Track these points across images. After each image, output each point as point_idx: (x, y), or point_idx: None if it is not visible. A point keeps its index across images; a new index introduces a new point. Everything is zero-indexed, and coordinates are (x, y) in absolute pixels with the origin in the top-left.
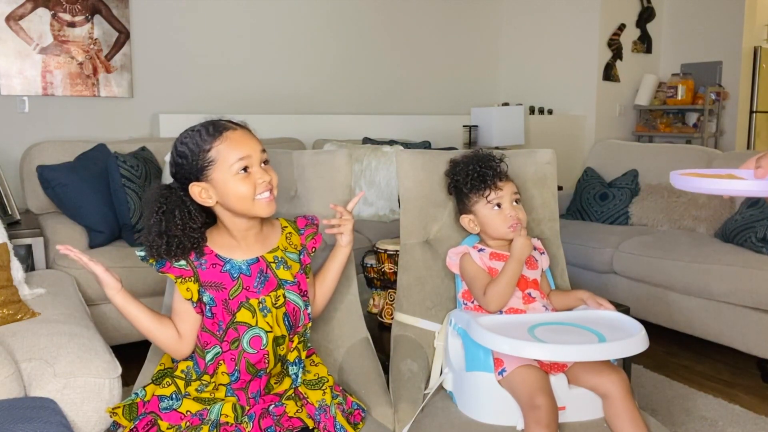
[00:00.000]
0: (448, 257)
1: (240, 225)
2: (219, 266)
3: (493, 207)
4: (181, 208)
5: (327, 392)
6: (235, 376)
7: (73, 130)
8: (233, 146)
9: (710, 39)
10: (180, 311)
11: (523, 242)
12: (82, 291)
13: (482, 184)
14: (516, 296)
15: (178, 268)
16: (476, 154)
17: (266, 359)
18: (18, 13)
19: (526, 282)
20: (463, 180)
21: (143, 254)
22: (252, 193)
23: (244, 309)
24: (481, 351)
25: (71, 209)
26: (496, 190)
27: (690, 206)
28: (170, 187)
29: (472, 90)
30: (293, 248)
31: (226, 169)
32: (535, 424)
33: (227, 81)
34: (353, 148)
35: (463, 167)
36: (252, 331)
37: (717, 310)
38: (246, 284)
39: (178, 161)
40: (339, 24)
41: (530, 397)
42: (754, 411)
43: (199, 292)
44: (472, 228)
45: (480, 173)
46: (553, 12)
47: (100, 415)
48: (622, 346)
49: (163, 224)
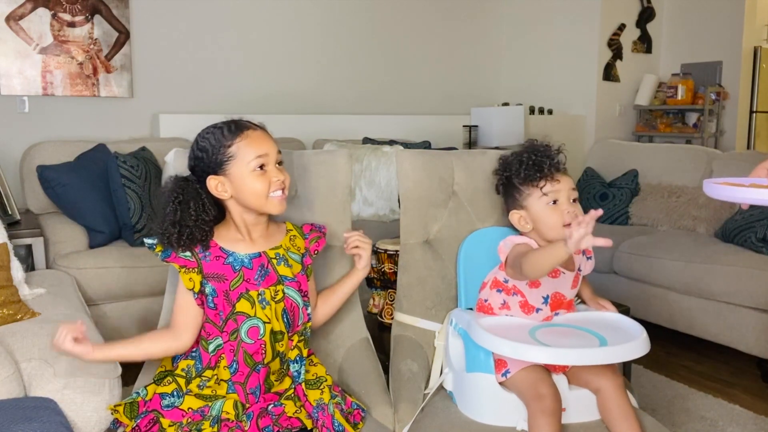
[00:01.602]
0: (503, 243)
1: (248, 220)
2: (222, 258)
3: (549, 202)
4: (196, 200)
5: (325, 391)
6: (234, 368)
7: (73, 130)
8: (253, 144)
9: (710, 39)
10: (182, 303)
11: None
12: (82, 291)
13: (537, 174)
14: (542, 314)
15: (183, 258)
16: (531, 144)
17: (263, 350)
18: (18, 13)
19: (561, 303)
20: (516, 170)
21: (151, 242)
22: (266, 191)
23: (244, 299)
24: (481, 352)
25: (71, 209)
26: (552, 182)
27: (690, 206)
28: (187, 180)
29: (472, 90)
30: (296, 249)
31: (244, 165)
32: (541, 413)
33: (227, 81)
34: (353, 148)
35: (516, 157)
36: (250, 321)
37: (717, 310)
38: (247, 276)
39: (198, 155)
40: (339, 24)
41: (535, 387)
42: (754, 411)
43: (201, 284)
44: (523, 225)
45: (536, 161)
46: (553, 12)
47: (100, 415)
48: (624, 350)
49: (178, 213)
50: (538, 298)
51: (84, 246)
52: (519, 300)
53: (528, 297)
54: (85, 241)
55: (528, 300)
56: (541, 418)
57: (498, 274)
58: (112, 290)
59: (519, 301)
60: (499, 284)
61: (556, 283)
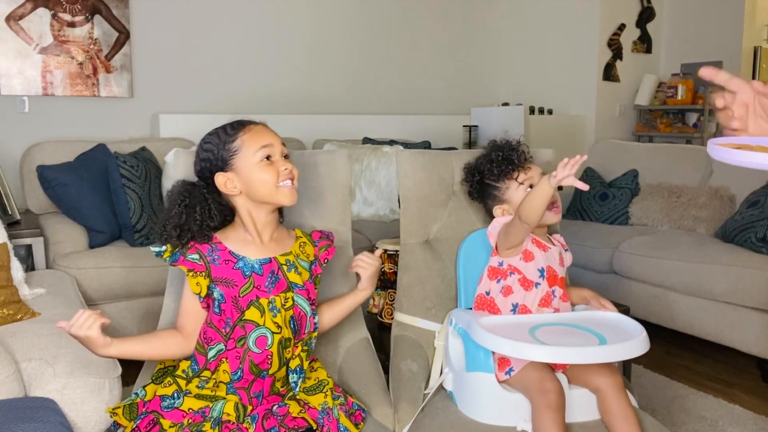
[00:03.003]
0: (490, 227)
1: (259, 217)
2: (232, 263)
3: (526, 188)
4: (202, 204)
5: (328, 394)
6: (238, 375)
7: (73, 130)
8: (256, 136)
9: (710, 39)
10: (189, 310)
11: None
12: (82, 291)
13: (509, 166)
14: (541, 290)
15: (191, 261)
16: (494, 144)
17: (270, 360)
18: (18, 13)
19: (555, 278)
20: (488, 170)
21: (158, 249)
22: (275, 180)
23: (254, 307)
24: (481, 351)
25: (71, 209)
26: (525, 170)
27: (690, 206)
28: (194, 185)
29: (472, 90)
30: (305, 257)
31: (250, 156)
32: (546, 407)
33: (227, 81)
34: (353, 148)
35: (485, 159)
36: (259, 330)
37: (717, 310)
38: (257, 283)
39: (204, 156)
40: (339, 24)
41: (540, 381)
42: (754, 411)
43: (209, 288)
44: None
45: (505, 157)
46: (553, 12)
47: (100, 415)
48: (623, 349)
49: (183, 217)
50: (535, 271)
51: (84, 246)
52: (518, 278)
53: (525, 272)
54: (85, 241)
55: (525, 275)
56: (545, 412)
57: (492, 261)
58: (112, 290)
59: (518, 278)
60: (495, 271)
61: (547, 257)
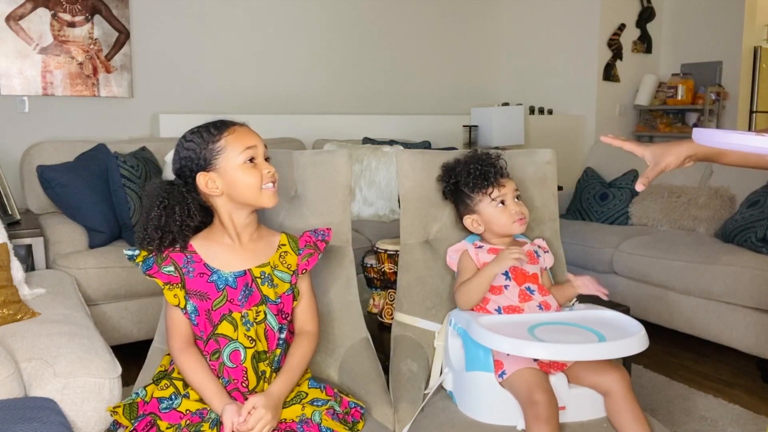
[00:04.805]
0: (448, 256)
1: (239, 219)
2: (206, 276)
3: (498, 204)
4: (182, 205)
5: (306, 406)
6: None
7: (73, 130)
8: (241, 138)
9: (710, 39)
10: (177, 322)
11: (508, 255)
12: (82, 291)
13: (485, 182)
14: (513, 292)
15: (166, 274)
16: (474, 154)
17: (245, 376)
18: (18, 13)
19: (525, 276)
20: (464, 180)
21: (131, 253)
22: (259, 183)
23: (226, 322)
24: (481, 351)
25: (71, 209)
26: (499, 187)
27: (690, 206)
28: (173, 184)
29: (472, 90)
30: (285, 267)
31: (234, 157)
32: (534, 419)
33: (227, 81)
34: (353, 148)
35: (464, 167)
36: (232, 344)
37: (717, 310)
38: (231, 296)
39: (185, 154)
40: (339, 24)
41: (528, 393)
42: (754, 411)
43: (185, 299)
44: (476, 228)
45: (482, 171)
46: (553, 12)
47: (100, 415)
48: (622, 346)
49: (162, 219)
50: (499, 276)
51: (84, 246)
52: None
53: None
54: (85, 241)
55: (492, 283)
56: (535, 425)
57: None
58: (112, 290)
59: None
60: None
61: None
